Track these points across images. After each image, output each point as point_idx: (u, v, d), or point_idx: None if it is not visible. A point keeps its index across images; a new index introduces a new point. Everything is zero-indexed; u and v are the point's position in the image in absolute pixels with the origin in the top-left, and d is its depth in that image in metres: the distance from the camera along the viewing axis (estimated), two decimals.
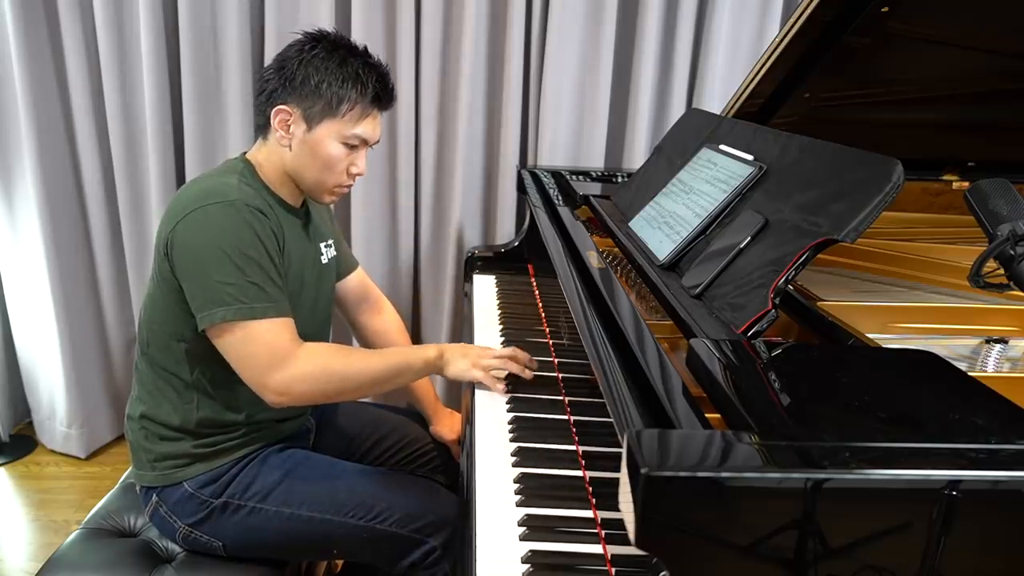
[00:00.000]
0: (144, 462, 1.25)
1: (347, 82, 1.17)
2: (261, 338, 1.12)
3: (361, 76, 1.18)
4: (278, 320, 1.13)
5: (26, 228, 2.18)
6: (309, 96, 1.17)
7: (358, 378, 1.19)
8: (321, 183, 1.23)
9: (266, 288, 1.12)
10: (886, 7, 1.21)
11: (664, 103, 2.09)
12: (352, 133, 1.19)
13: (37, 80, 2.02)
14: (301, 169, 1.22)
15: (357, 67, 1.18)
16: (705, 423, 0.68)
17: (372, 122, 1.22)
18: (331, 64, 1.17)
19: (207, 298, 1.10)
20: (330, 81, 1.16)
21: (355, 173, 1.24)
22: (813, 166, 0.99)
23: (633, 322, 0.94)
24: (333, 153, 1.20)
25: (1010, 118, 1.46)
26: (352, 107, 1.18)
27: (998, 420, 0.63)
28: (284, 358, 1.12)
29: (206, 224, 1.11)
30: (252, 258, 1.11)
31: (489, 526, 0.96)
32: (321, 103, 1.17)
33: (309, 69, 1.17)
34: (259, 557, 1.25)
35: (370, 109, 1.20)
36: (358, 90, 1.18)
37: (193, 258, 1.11)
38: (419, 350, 1.27)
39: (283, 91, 1.18)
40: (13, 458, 2.36)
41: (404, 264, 2.24)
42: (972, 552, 0.57)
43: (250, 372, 1.13)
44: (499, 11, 2.01)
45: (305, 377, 1.14)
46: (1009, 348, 1.04)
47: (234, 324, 1.11)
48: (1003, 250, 0.77)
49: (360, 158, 1.24)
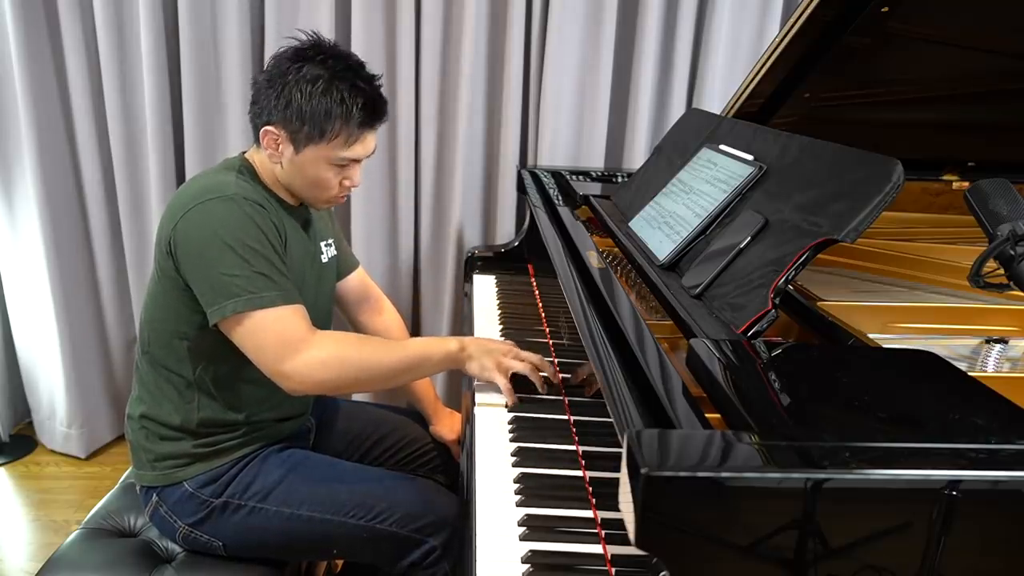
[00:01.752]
0: (144, 462, 1.25)
1: (332, 110, 1.14)
2: (273, 327, 1.11)
3: (346, 101, 1.14)
4: (289, 307, 1.13)
5: (26, 228, 2.18)
6: (294, 120, 1.15)
7: (375, 367, 1.18)
8: (314, 198, 1.24)
9: (273, 277, 1.12)
10: (886, 7, 1.21)
11: (664, 103, 2.09)
12: (340, 156, 1.18)
13: (37, 80, 2.02)
14: (292, 185, 1.22)
15: (343, 92, 1.14)
16: (705, 423, 0.68)
17: (361, 143, 1.19)
18: (316, 90, 1.13)
19: (216, 292, 1.11)
20: (314, 106, 1.13)
21: (349, 186, 1.23)
22: (813, 166, 0.99)
23: (633, 322, 0.94)
24: (322, 176, 1.19)
25: (1010, 118, 1.46)
26: (337, 135, 1.16)
27: (998, 420, 0.63)
28: (298, 345, 1.12)
29: (207, 219, 1.11)
30: (256, 249, 1.11)
31: (489, 526, 0.96)
32: (306, 129, 1.15)
33: (294, 92, 1.14)
34: (259, 557, 1.25)
35: (357, 133, 1.18)
36: (343, 118, 1.15)
37: (198, 254, 1.12)
38: (440, 343, 1.26)
39: (270, 111, 1.16)
40: (13, 458, 2.36)
41: (404, 264, 2.24)
42: (972, 552, 0.57)
43: (266, 360, 1.13)
44: (499, 11, 2.01)
45: (321, 363, 1.13)
46: (1009, 348, 1.04)
47: (244, 315, 1.10)
48: (1003, 250, 0.77)
49: (354, 172, 1.22)
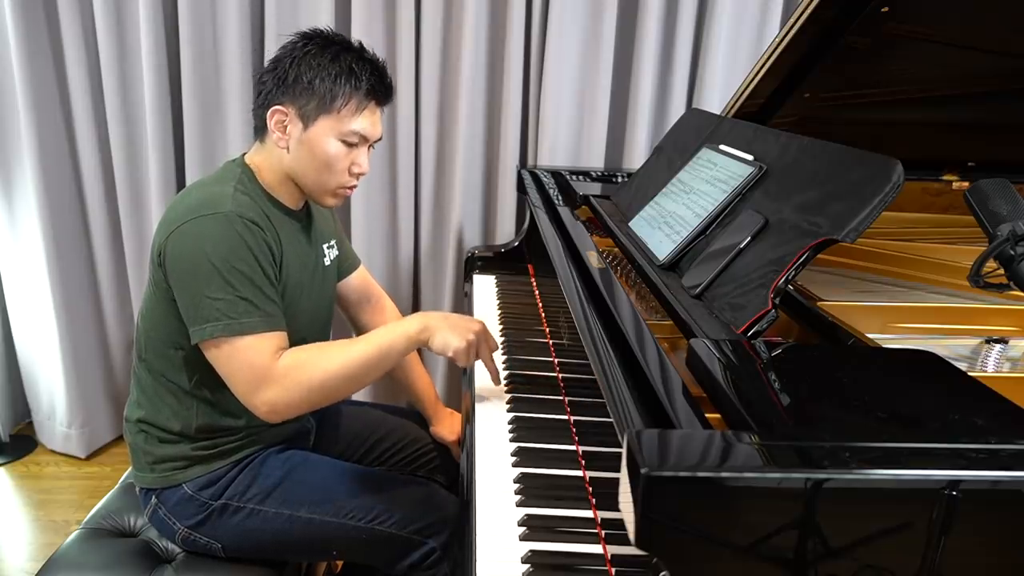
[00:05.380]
0: (143, 464, 1.25)
1: (340, 77, 1.15)
2: (243, 355, 1.10)
3: (355, 70, 1.16)
4: (264, 335, 1.11)
5: (26, 228, 2.18)
6: (303, 94, 1.15)
7: (341, 374, 1.14)
8: (322, 184, 1.20)
9: (256, 302, 1.10)
10: (886, 7, 1.21)
11: (664, 103, 2.09)
12: (349, 129, 1.17)
13: (37, 80, 2.02)
14: (300, 171, 1.19)
15: (350, 61, 1.16)
16: (705, 423, 0.68)
17: (370, 117, 1.19)
18: (323, 60, 1.15)
19: (197, 313, 1.10)
20: (323, 77, 1.14)
21: (357, 172, 1.21)
22: (813, 166, 0.99)
23: (633, 322, 0.94)
24: (331, 151, 1.17)
25: (1010, 118, 1.46)
26: (347, 101, 1.16)
27: (998, 420, 0.63)
28: (263, 377, 1.10)
29: (198, 237, 1.10)
30: (243, 272, 1.10)
31: (489, 526, 0.96)
32: (315, 100, 1.15)
33: (302, 67, 1.15)
34: (258, 558, 1.25)
35: (366, 103, 1.18)
36: (352, 84, 1.15)
37: (185, 271, 1.10)
38: (398, 327, 1.21)
39: (277, 91, 1.16)
40: (13, 458, 2.36)
41: (404, 264, 2.24)
42: (972, 552, 0.57)
43: (238, 389, 1.12)
44: (499, 11, 2.01)
45: (286, 393, 1.11)
46: (1009, 348, 1.04)
47: (221, 340, 1.09)
48: (1003, 250, 0.77)
49: (361, 156, 1.21)
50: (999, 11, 1.22)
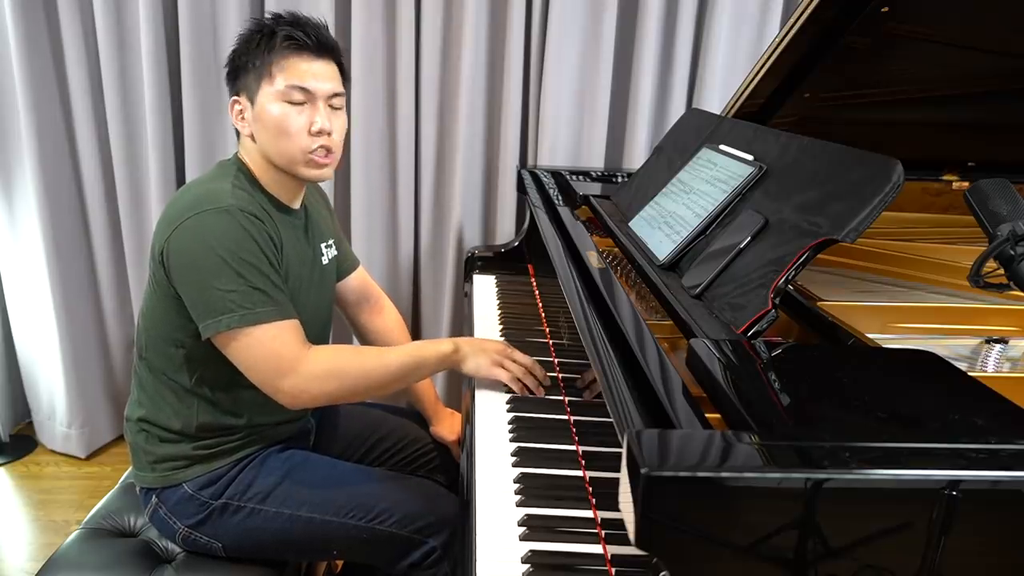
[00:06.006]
0: (144, 463, 1.25)
1: (260, 41, 1.17)
2: (268, 344, 1.11)
3: (266, 26, 1.18)
4: (283, 323, 1.12)
5: (26, 228, 2.18)
6: (242, 76, 1.19)
7: (370, 377, 1.18)
8: (287, 153, 1.17)
9: (269, 292, 1.12)
10: (886, 7, 1.21)
11: (664, 103, 2.09)
12: (285, 86, 1.15)
13: (37, 80, 2.02)
14: (266, 149, 1.19)
15: (264, 24, 1.19)
16: (705, 423, 0.68)
17: (301, 67, 1.16)
18: (246, 36, 1.19)
19: (210, 307, 1.09)
20: (247, 49, 1.18)
21: (317, 131, 1.17)
22: (813, 166, 0.99)
23: (633, 322, 0.94)
24: (276, 114, 1.15)
25: (1010, 118, 1.46)
26: (274, 60, 1.15)
27: (998, 420, 0.63)
28: (292, 362, 1.12)
29: (202, 231, 1.10)
30: (252, 263, 1.10)
31: (489, 526, 0.96)
32: (251, 75, 1.17)
33: (235, 52, 1.20)
34: (259, 558, 1.25)
35: (288, 54, 1.15)
36: (267, 41, 1.16)
37: (191, 267, 1.10)
38: (432, 345, 1.25)
39: (231, 88, 1.22)
40: (13, 458, 2.36)
41: (404, 264, 2.24)
42: (972, 552, 0.57)
43: (261, 377, 1.13)
44: (499, 11, 2.01)
45: (316, 379, 1.14)
46: (1009, 348, 1.04)
47: (239, 331, 1.10)
48: (1003, 250, 0.77)
49: (316, 114, 1.17)
50: (999, 11, 1.22)
